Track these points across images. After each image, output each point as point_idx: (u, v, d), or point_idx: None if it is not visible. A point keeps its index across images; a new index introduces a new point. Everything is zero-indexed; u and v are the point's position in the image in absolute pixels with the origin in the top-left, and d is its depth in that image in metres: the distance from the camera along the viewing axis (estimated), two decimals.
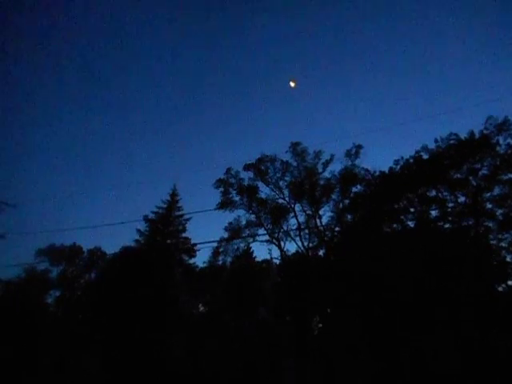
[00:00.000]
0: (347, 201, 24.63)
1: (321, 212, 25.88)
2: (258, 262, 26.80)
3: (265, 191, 27.09)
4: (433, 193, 19.51)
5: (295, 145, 26.21)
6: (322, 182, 26.06)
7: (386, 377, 17.60)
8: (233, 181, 27.21)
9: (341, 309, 22.47)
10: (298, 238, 25.94)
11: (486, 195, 18.56)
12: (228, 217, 27.26)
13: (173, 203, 25.45)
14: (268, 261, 27.12)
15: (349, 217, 24.62)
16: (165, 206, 25.30)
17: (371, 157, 24.84)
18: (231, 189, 27.16)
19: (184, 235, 25.30)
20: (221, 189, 27.00)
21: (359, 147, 25.00)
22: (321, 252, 26.25)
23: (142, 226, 25.04)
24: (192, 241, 25.39)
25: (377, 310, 19.10)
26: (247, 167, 26.85)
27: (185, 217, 25.35)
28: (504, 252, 18.16)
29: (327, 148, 33.73)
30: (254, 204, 26.89)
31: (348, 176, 24.84)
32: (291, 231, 26.37)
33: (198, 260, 43.41)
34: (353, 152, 25.14)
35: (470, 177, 18.78)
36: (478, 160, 18.62)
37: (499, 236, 18.23)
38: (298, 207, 26.45)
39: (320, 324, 26.46)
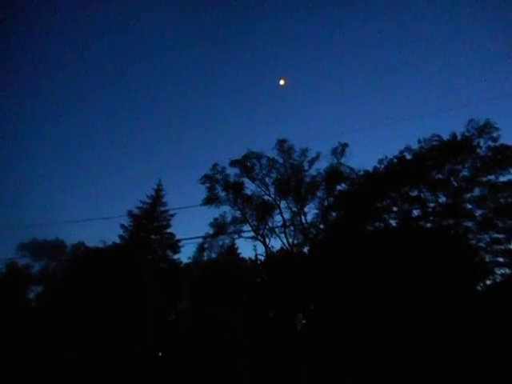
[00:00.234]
0: (332, 199, 24.81)
1: (306, 209, 26.04)
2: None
3: (251, 188, 27.09)
4: (415, 192, 19.78)
5: (282, 142, 26.21)
6: (308, 180, 26.18)
7: (371, 377, 17.81)
8: (219, 177, 27.11)
9: (324, 306, 22.70)
10: (283, 235, 26.08)
11: (466, 196, 18.89)
12: (213, 213, 27.17)
13: (157, 199, 25.19)
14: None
15: (333, 214, 24.84)
16: (149, 202, 25.02)
17: (357, 155, 25.11)
18: (217, 185, 27.06)
19: (168, 231, 25.13)
20: (207, 185, 26.89)
21: (345, 145, 25.16)
22: (305, 249, 26.50)
23: (127, 222, 24.80)
24: (177, 236, 25.27)
25: (361, 309, 19.32)
26: (233, 163, 26.76)
27: (169, 212, 25.14)
28: (482, 252, 18.54)
29: (314, 146, 33.92)
30: (240, 200, 26.86)
31: (333, 174, 24.99)
32: (276, 228, 26.47)
33: (183, 256, 43.36)
34: (338, 150, 25.30)
35: (451, 178, 19.08)
36: (460, 161, 18.93)
37: (478, 236, 18.60)
38: (284, 204, 26.54)
39: (303, 320, 26.75)
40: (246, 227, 26.77)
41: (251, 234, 26.40)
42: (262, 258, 27.46)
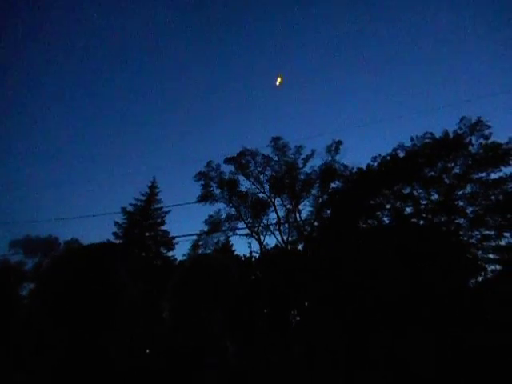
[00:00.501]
0: (326, 196, 24.94)
1: (300, 206, 26.19)
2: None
3: (245, 185, 27.16)
4: (408, 190, 19.92)
5: (276, 139, 26.29)
6: (303, 177, 26.29)
7: (366, 376, 17.89)
8: (213, 174, 27.15)
9: (319, 304, 22.80)
10: (278, 232, 26.23)
11: (458, 193, 19.08)
12: (208, 210, 27.30)
13: (152, 196, 25.16)
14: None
15: (328, 212, 24.96)
16: (143, 199, 25.00)
17: (351, 153, 25.24)
18: (212, 182, 27.10)
19: (163, 228, 25.12)
20: (201, 182, 26.93)
21: (339, 143, 25.29)
22: (300, 246, 26.64)
23: (121, 219, 24.77)
24: (171, 234, 25.27)
25: (355, 307, 19.40)
26: (228, 160, 26.79)
27: (164, 209, 25.14)
28: (473, 248, 18.75)
29: (308, 143, 33.98)
30: (235, 197, 26.92)
31: (328, 171, 25.11)
32: (271, 225, 26.62)
33: (178, 253, 43.30)
34: (333, 148, 25.43)
35: (444, 175, 19.24)
36: (452, 159, 19.09)
37: (469, 233, 18.80)
38: (278, 201, 26.67)
39: (298, 317, 26.90)
40: (241, 224, 26.90)
41: (246, 232, 26.55)
42: (257, 256, 27.57)
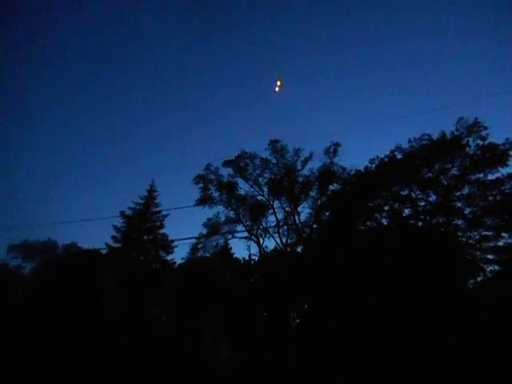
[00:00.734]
0: (325, 198, 24.98)
1: (299, 209, 26.24)
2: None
3: (244, 188, 27.21)
4: (406, 191, 19.98)
5: (274, 142, 26.37)
6: (301, 180, 26.37)
7: (366, 377, 17.84)
8: (212, 177, 27.20)
9: (318, 306, 22.77)
10: (277, 235, 26.25)
11: (456, 194, 19.14)
12: (207, 213, 27.24)
13: (150, 199, 25.17)
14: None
15: (326, 214, 24.99)
16: (142, 202, 25.00)
17: (349, 155, 25.32)
18: (210, 185, 27.14)
19: (162, 231, 25.11)
20: (200, 185, 26.98)
21: (337, 145, 25.40)
22: (299, 248, 26.64)
23: (119, 222, 24.76)
24: (170, 237, 25.24)
25: (354, 309, 19.37)
26: (227, 163, 26.85)
27: (163, 213, 25.14)
28: (472, 249, 18.78)
29: (307, 145, 34.06)
30: (233, 200, 26.95)
31: (326, 174, 25.18)
32: (270, 228, 26.63)
33: (177, 256, 43.20)
34: (331, 150, 25.52)
35: (441, 176, 19.31)
36: (449, 160, 19.17)
37: (467, 234, 18.85)
38: (277, 204, 26.72)
39: (297, 320, 26.85)
40: (240, 227, 26.92)
41: (245, 234, 26.57)
42: (256, 258, 27.56)
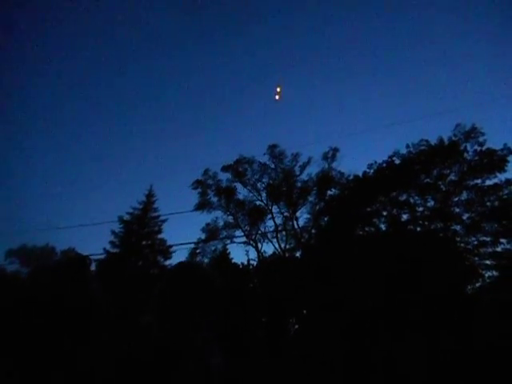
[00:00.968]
0: (323, 203, 24.98)
1: (298, 214, 26.24)
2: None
3: (243, 193, 27.23)
4: (404, 197, 19.98)
5: (273, 147, 26.43)
6: (300, 185, 26.39)
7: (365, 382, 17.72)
8: (211, 182, 27.21)
9: (317, 311, 22.68)
10: (275, 240, 26.22)
11: (454, 200, 19.15)
12: (205, 218, 27.18)
13: (149, 204, 25.14)
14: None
15: (325, 219, 24.98)
16: (140, 207, 24.97)
17: (348, 160, 25.35)
18: (209, 190, 27.14)
19: (160, 236, 25.06)
20: (198, 190, 26.99)
21: (336, 150, 25.46)
22: (298, 254, 26.59)
23: (117, 228, 24.71)
24: (168, 242, 25.19)
25: (352, 314, 19.30)
26: (225, 168, 26.89)
27: (161, 218, 25.10)
28: (470, 255, 18.75)
29: (305, 151, 34.12)
30: (232, 205, 26.94)
31: (324, 179, 25.22)
32: (268, 233, 26.61)
33: (175, 261, 43.10)
34: (329, 155, 25.60)
35: (439, 182, 19.33)
36: (447, 166, 19.21)
37: (466, 239, 18.83)
38: (276, 209, 26.73)
39: (296, 325, 26.74)
40: (239, 232, 26.87)
41: (243, 239, 26.50)
42: (255, 263, 27.48)
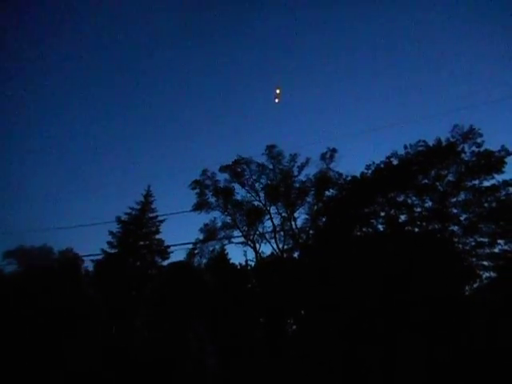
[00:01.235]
0: (321, 204, 24.94)
1: (296, 214, 26.21)
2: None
3: (241, 193, 27.20)
4: (402, 197, 19.96)
5: (271, 148, 26.40)
6: (298, 185, 26.38)
7: (362, 381, 17.72)
8: (209, 182, 27.16)
9: (315, 312, 22.66)
10: (274, 240, 26.18)
11: (452, 200, 19.13)
12: (203, 218, 27.11)
13: (146, 204, 25.10)
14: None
15: (323, 220, 24.93)
16: (138, 208, 24.93)
17: (346, 161, 25.29)
18: (207, 190, 27.10)
19: (158, 237, 25.01)
20: (196, 190, 26.94)
21: (334, 151, 25.44)
22: (295, 254, 26.54)
23: (115, 228, 24.65)
24: (166, 242, 25.15)
25: (350, 314, 19.29)
26: (223, 169, 26.85)
27: (159, 218, 25.05)
28: (467, 255, 18.74)
29: (303, 151, 34.05)
30: (230, 206, 26.90)
31: (322, 179, 25.19)
32: (266, 233, 26.56)
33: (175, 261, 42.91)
34: (327, 156, 25.56)
35: (437, 183, 19.31)
36: (445, 166, 19.19)
37: (463, 240, 18.81)
38: (274, 209, 26.71)
39: (294, 326, 26.69)
40: (237, 233, 26.82)
41: (241, 240, 26.45)
42: (253, 264, 27.43)
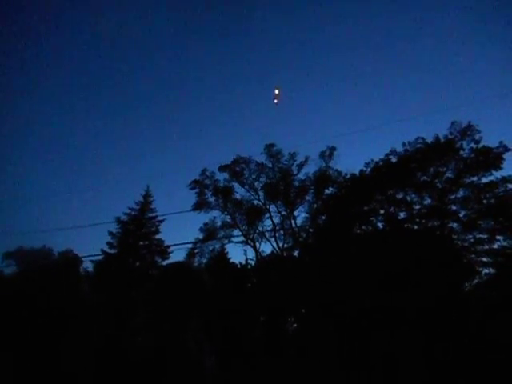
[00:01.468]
0: (321, 202, 24.96)
1: (295, 213, 26.20)
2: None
3: (240, 192, 27.17)
4: (401, 195, 20.02)
5: (270, 146, 26.37)
6: (297, 184, 26.36)
7: (362, 379, 17.76)
8: (208, 182, 27.13)
9: (315, 310, 22.70)
10: (273, 239, 26.16)
11: (451, 197, 19.19)
12: (203, 218, 27.09)
13: (146, 204, 25.05)
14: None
15: (322, 218, 24.96)
16: (137, 208, 24.87)
17: (345, 159, 25.32)
18: (206, 190, 27.07)
19: (157, 237, 24.97)
20: (196, 190, 26.90)
21: (333, 149, 25.43)
22: (295, 253, 26.56)
23: (115, 228, 24.60)
24: (166, 242, 25.09)
25: (350, 312, 19.33)
26: (222, 168, 26.82)
27: (158, 218, 25.00)
28: (467, 252, 18.81)
29: (302, 150, 34.07)
30: (230, 205, 26.89)
31: (322, 178, 25.18)
32: (266, 232, 26.57)
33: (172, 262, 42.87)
34: (327, 154, 25.55)
35: (436, 179, 19.38)
36: (443, 163, 19.25)
37: (462, 237, 18.88)
38: (273, 208, 26.69)
39: (294, 324, 26.73)
40: (236, 232, 26.78)
41: (241, 239, 26.42)
42: (253, 263, 27.44)
